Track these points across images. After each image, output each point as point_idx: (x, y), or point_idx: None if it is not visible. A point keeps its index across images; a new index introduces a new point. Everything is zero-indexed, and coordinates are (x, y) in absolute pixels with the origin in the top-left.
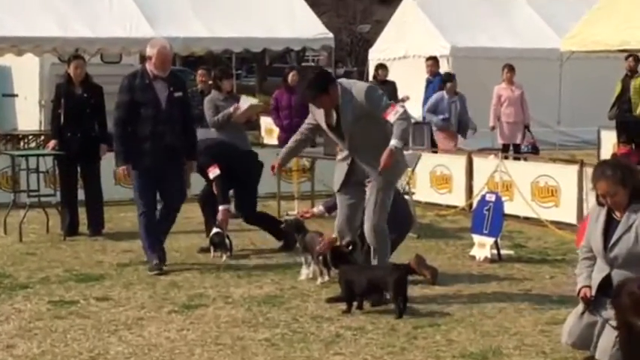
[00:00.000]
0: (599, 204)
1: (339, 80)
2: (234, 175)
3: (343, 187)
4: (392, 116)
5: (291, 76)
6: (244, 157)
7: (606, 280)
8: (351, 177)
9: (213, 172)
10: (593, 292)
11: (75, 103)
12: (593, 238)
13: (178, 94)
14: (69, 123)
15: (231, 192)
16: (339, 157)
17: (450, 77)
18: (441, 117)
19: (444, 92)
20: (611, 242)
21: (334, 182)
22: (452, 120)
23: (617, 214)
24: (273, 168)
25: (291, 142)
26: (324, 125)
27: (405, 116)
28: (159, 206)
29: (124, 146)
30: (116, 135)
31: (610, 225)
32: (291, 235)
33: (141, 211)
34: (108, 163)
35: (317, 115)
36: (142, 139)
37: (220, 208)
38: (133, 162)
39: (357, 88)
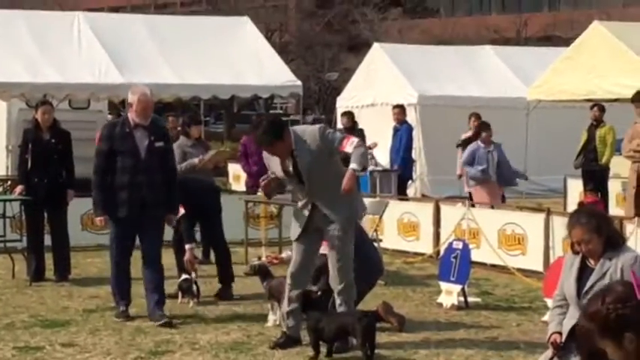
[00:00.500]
0: (574, 252)
1: (292, 128)
2: (199, 211)
3: (302, 235)
4: (349, 147)
5: None
6: (207, 189)
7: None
8: (310, 225)
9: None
10: (564, 339)
11: (42, 148)
12: (567, 284)
13: (159, 144)
14: (36, 168)
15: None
16: (299, 205)
17: (485, 127)
18: (479, 168)
19: (479, 142)
20: (584, 289)
21: (291, 231)
22: (490, 171)
23: (592, 261)
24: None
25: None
26: (280, 173)
27: (361, 144)
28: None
29: (102, 195)
30: (94, 184)
31: (584, 272)
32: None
33: (115, 260)
34: (75, 208)
35: (273, 164)
36: (120, 188)
37: (186, 247)
38: (110, 211)
39: (310, 130)
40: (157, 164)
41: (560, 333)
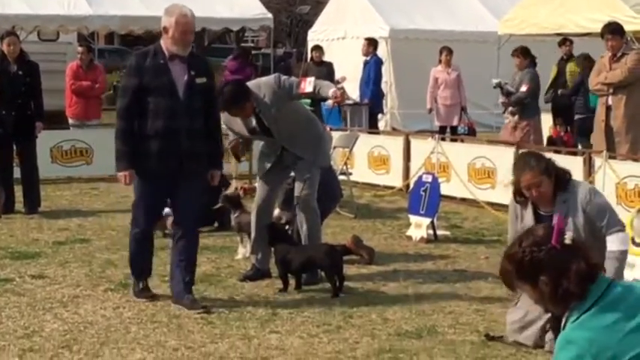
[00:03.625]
0: (517, 201)
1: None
2: None
3: (269, 171)
4: (309, 87)
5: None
6: None
7: None
8: (279, 163)
9: None
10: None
11: (9, 80)
12: None
13: (201, 79)
14: (4, 101)
15: None
16: (265, 149)
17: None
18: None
19: None
20: None
21: (258, 168)
22: None
23: (543, 208)
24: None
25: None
26: (245, 133)
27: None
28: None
29: (127, 145)
30: (119, 130)
31: (539, 221)
32: (226, 214)
33: (135, 230)
34: (44, 141)
35: (235, 126)
36: (151, 136)
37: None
38: (137, 164)
39: (264, 82)
40: (198, 106)
41: None
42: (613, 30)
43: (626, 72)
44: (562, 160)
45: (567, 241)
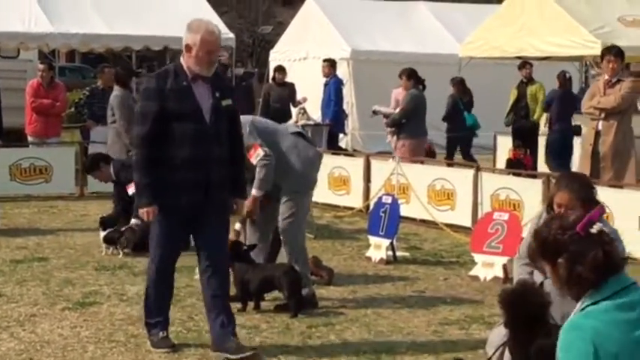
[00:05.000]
0: (549, 213)
1: None
2: None
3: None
4: (254, 159)
5: None
6: None
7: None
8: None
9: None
10: None
11: None
12: None
13: (227, 102)
14: None
15: None
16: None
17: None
18: None
19: None
20: None
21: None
22: None
23: None
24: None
25: None
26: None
27: (266, 161)
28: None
29: (149, 177)
30: (139, 160)
31: None
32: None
33: (155, 266)
34: (3, 158)
35: None
36: (177, 166)
37: (133, 222)
38: (160, 199)
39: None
40: (225, 131)
41: None
42: (616, 53)
43: (619, 99)
44: (521, 183)
45: (594, 230)
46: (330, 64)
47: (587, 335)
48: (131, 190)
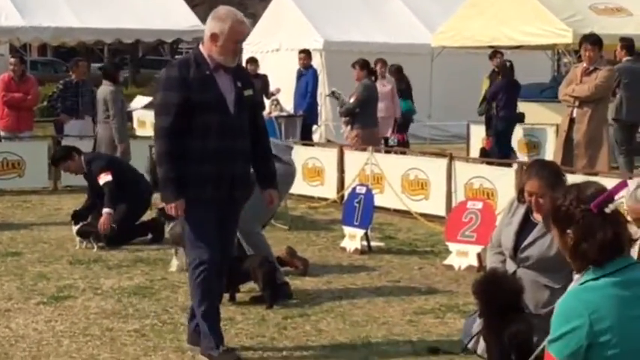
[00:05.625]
0: (520, 201)
1: None
2: (124, 181)
3: None
4: (101, 180)
5: None
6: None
7: None
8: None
9: (105, 178)
10: None
11: None
12: (505, 234)
13: (248, 92)
14: None
15: None
16: None
17: None
18: None
19: None
20: (524, 243)
21: None
22: None
23: (535, 216)
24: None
25: None
26: None
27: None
28: None
29: (174, 171)
30: (163, 153)
31: (526, 225)
32: (160, 227)
33: (198, 261)
34: None
35: None
36: (203, 159)
37: (105, 211)
38: (188, 193)
39: None
40: (247, 122)
41: None
42: (594, 41)
43: (593, 88)
44: (494, 171)
45: (608, 210)
46: (308, 54)
47: (583, 308)
48: (102, 180)
